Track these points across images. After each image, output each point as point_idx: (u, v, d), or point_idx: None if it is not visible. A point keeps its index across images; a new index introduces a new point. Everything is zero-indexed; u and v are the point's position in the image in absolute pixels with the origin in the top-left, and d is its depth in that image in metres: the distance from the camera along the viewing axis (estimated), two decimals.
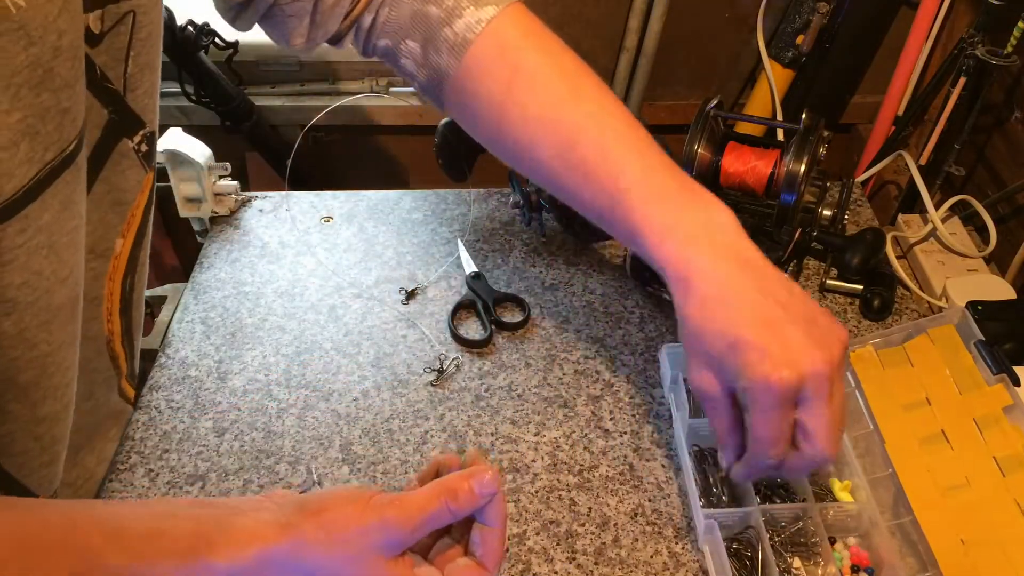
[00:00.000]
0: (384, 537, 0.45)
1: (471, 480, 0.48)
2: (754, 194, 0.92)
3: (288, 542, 0.44)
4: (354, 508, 0.46)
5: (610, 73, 1.48)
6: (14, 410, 0.52)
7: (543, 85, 0.63)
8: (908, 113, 1.28)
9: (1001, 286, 0.92)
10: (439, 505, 0.47)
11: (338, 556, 0.45)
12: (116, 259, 0.60)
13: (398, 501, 0.46)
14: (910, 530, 0.67)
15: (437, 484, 0.48)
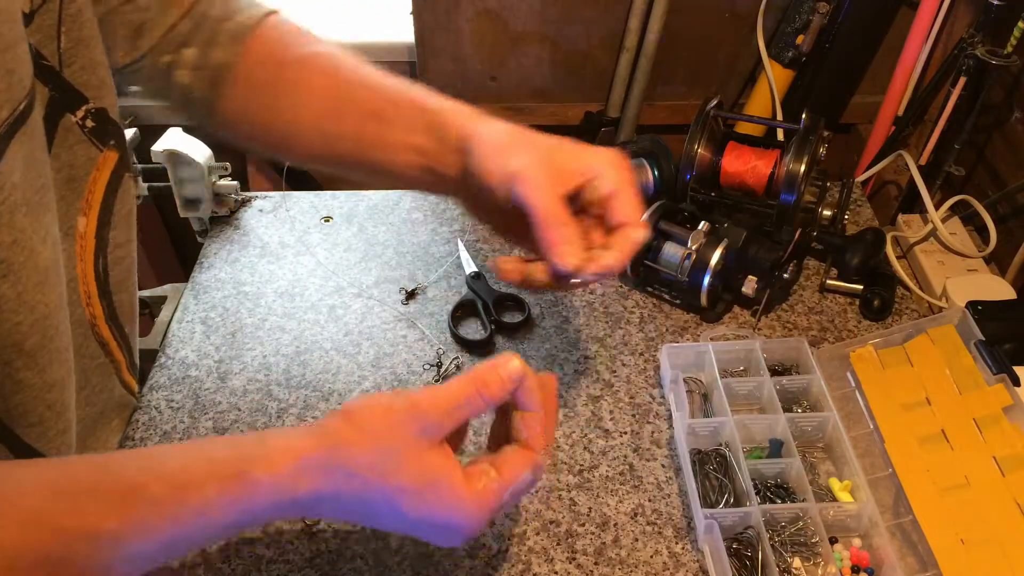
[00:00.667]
0: (417, 424, 0.46)
1: (498, 367, 0.49)
2: (754, 194, 0.92)
3: (324, 447, 0.45)
4: (384, 401, 0.47)
5: (610, 73, 1.48)
6: (25, 378, 0.53)
7: (336, 54, 0.65)
8: (908, 113, 1.28)
9: (1001, 286, 0.92)
10: (471, 391, 0.48)
11: (375, 449, 0.45)
12: (82, 239, 0.60)
13: (428, 390, 0.48)
14: (910, 530, 0.67)
15: (466, 374, 0.49)
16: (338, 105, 0.63)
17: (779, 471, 0.72)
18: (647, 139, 0.98)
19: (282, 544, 0.68)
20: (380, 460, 0.45)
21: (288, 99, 0.64)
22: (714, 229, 0.85)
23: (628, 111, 1.50)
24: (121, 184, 0.63)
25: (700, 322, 0.87)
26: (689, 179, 0.92)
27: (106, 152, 0.60)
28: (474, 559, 0.67)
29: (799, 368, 0.81)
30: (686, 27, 1.43)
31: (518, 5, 1.39)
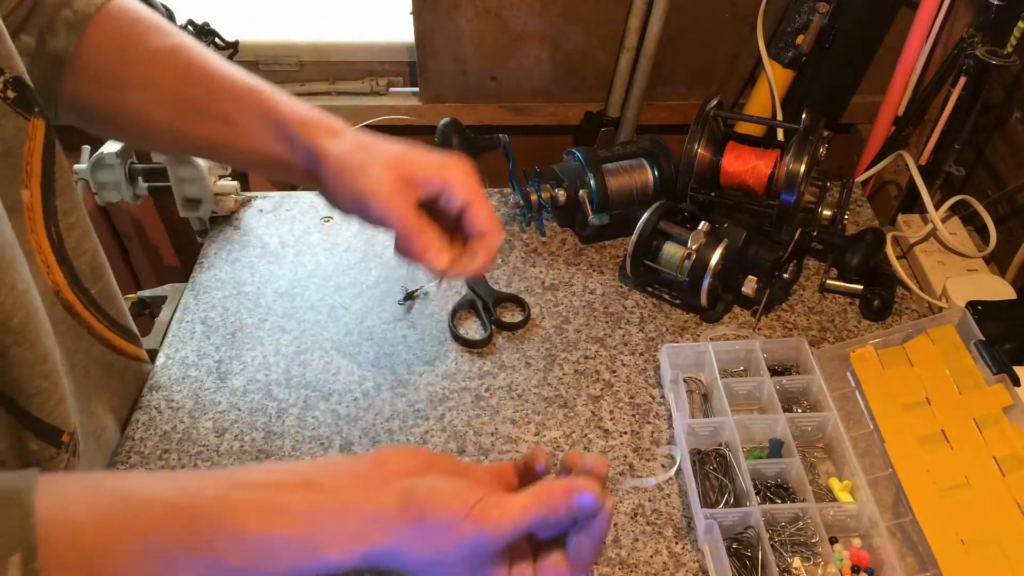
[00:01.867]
0: (477, 549, 0.48)
1: (573, 496, 0.48)
2: (754, 194, 0.92)
3: (389, 544, 0.48)
4: (455, 514, 0.47)
5: (610, 73, 1.48)
6: (17, 354, 0.54)
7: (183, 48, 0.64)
8: (908, 113, 1.28)
9: (1001, 286, 0.92)
10: (537, 517, 0.48)
11: (434, 557, 0.48)
12: (30, 211, 0.60)
13: (495, 510, 0.47)
14: (910, 530, 0.67)
15: (537, 494, 0.49)
16: (187, 108, 0.63)
17: (779, 471, 0.72)
18: (647, 139, 0.98)
19: None
20: (436, 566, 0.48)
21: (135, 96, 0.63)
22: (714, 229, 0.85)
23: (628, 111, 1.50)
24: (55, 150, 0.62)
25: (700, 322, 0.87)
26: (689, 179, 0.92)
27: (34, 120, 0.59)
28: None
29: (799, 368, 0.81)
30: (686, 27, 1.43)
31: (518, 5, 1.39)
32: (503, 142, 0.94)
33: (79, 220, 0.65)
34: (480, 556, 0.48)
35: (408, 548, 0.48)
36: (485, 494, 0.48)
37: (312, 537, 0.47)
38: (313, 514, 0.47)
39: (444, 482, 0.50)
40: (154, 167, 0.94)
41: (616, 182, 0.94)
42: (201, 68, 0.63)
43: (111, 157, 0.92)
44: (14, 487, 0.42)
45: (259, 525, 0.46)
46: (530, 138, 1.57)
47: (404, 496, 0.49)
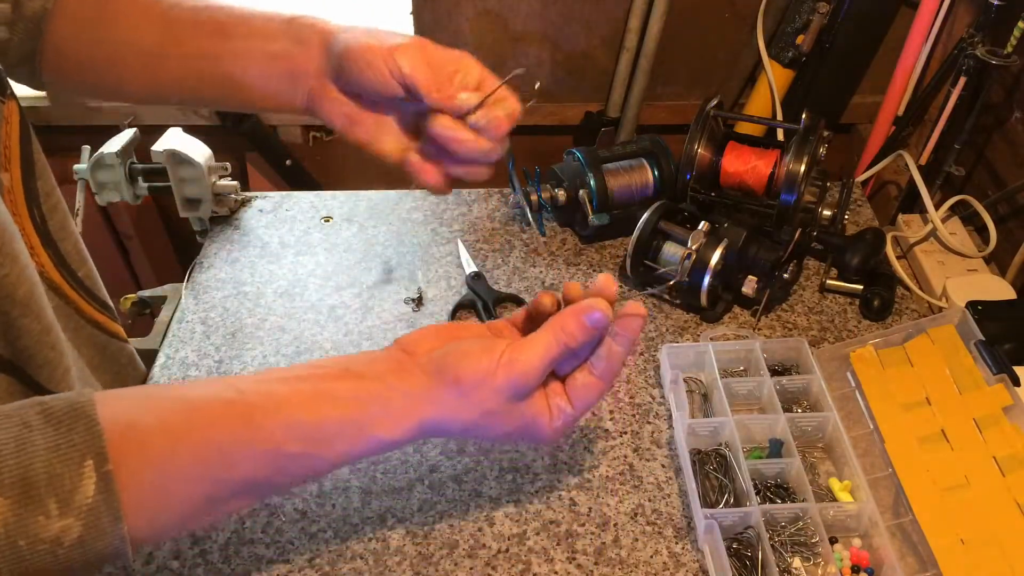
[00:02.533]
0: (513, 390, 0.52)
1: (582, 316, 0.53)
2: (754, 194, 0.92)
3: (435, 413, 0.52)
4: (485, 369, 0.52)
5: (610, 73, 1.48)
6: (24, 324, 0.56)
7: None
8: (908, 113, 1.28)
9: (1001, 286, 0.92)
10: (559, 349, 0.53)
11: (478, 414, 0.52)
12: (10, 193, 0.60)
13: (521, 353, 0.52)
14: (910, 530, 0.67)
15: (552, 327, 0.53)
16: (180, 24, 0.63)
17: (779, 471, 0.72)
18: (647, 139, 0.98)
19: (282, 544, 0.68)
20: (483, 421, 0.53)
21: (120, 25, 0.63)
22: (714, 229, 0.85)
23: (628, 111, 1.50)
24: (30, 133, 0.62)
25: (700, 322, 0.87)
26: (689, 179, 0.92)
27: (8, 103, 0.60)
28: (474, 559, 0.67)
29: (799, 368, 0.81)
30: (686, 27, 1.43)
31: (518, 5, 1.39)
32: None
33: (59, 203, 0.65)
34: (518, 400, 0.53)
35: (453, 412, 0.52)
36: (508, 344, 0.53)
37: (361, 420, 0.50)
38: (359, 399, 0.51)
39: (468, 343, 0.54)
40: (154, 167, 0.94)
41: (616, 182, 0.94)
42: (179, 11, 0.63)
43: (111, 157, 0.92)
44: (74, 401, 0.44)
45: (311, 414, 0.49)
46: (530, 138, 1.57)
47: (437, 366, 0.53)
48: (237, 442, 0.48)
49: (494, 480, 0.73)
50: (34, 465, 0.41)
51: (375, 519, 0.70)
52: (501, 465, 0.74)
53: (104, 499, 0.42)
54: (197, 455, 0.47)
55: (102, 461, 0.42)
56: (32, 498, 0.41)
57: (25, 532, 0.41)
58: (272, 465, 0.49)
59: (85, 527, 0.42)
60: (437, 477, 0.73)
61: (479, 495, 0.71)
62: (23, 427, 0.42)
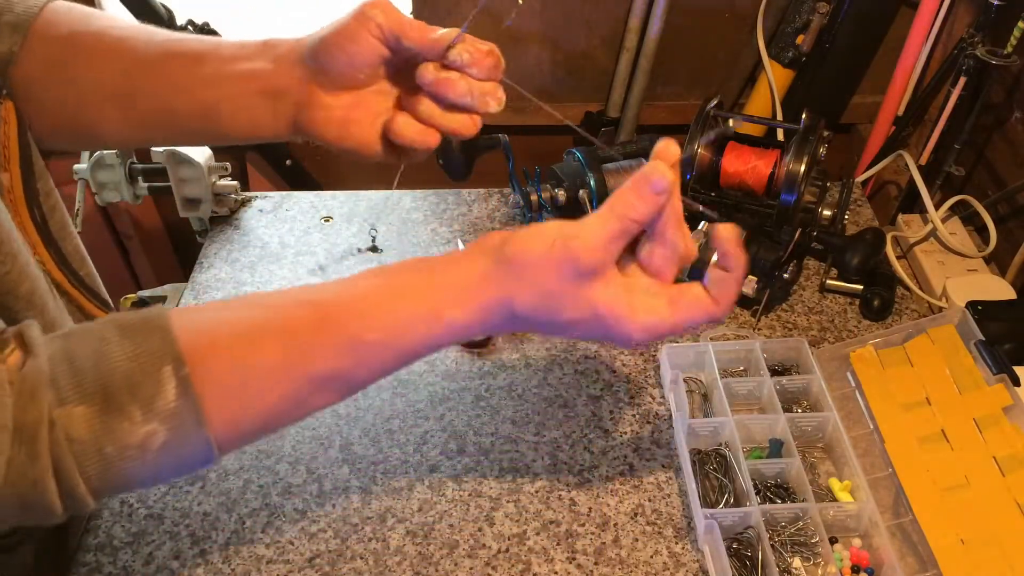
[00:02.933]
0: (573, 267, 0.50)
1: (642, 183, 0.50)
2: (754, 194, 0.92)
3: (498, 294, 0.51)
4: (541, 246, 0.50)
5: (610, 73, 1.48)
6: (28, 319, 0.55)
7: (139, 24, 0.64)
8: (908, 113, 1.28)
9: (1001, 286, 0.92)
10: (620, 223, 0.50)
11: (539, 295, 0.50)
12: (9, 193, 0.60)
13: (580, 228, 0.50)
14: (910, 530, 0.67)
15: (612, 200, 0.51)
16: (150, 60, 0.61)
17: (779, 471, 0.72)
18: (647, 139, 0.98)
19: (282, 544, 0.68)
20: (545, 303, 0.51)
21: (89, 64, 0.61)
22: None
23: (628, 111, 1.50)
24: (27, 133, 0.62)
25: None
26: (689, 179, 0.92)
27: (5, 102, 0.59)
28: (474, 559, 0.67)
29: (799, 368, 0.81)
30: (686, 27, 1.43)
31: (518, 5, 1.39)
32: (503, 142, 0.94)
33: (59, 204, 0.65)
34: (584, 280, 0.50)
35: (517, 293, 0.51)
36: (566, 223, 0.51)
37: (435, 305, 0.51)
38: (431, 287, 0.51)
39: (528, 228, 0.52)
40: (154, 167, 0.94)
41: (616, 182, 0.94)
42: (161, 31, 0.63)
43: (111, 157, 0.92)
44: (148, 314, 0.45)
45: (387, 302, 0.50)
46: (530, 138, 1.57)
47: (495, 250, 0.51)
48: (315, 336, 0.48)
49: (494, 480, 0.73)
50: (114, 375, 0.42)
51: (375, 519, 0.70)
52: (501, 465, 0.74)
53: (185, 403, 0.43)
54: (274, 353, 0.47)
55: (179, 365, 0.43)
56: (115, 405, 0.42)
57: (112, 438, 0.42)
58: (351, 356, 0.49)
59: (170, 431, 0.43)
60: (437, 477, 0.73)
61: (479, 495, 0.71)
62: (100, 341, 0.43)
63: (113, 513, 0.70)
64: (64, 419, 0.41)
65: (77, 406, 0.42)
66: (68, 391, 0.42)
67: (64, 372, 0.42)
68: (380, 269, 0.53)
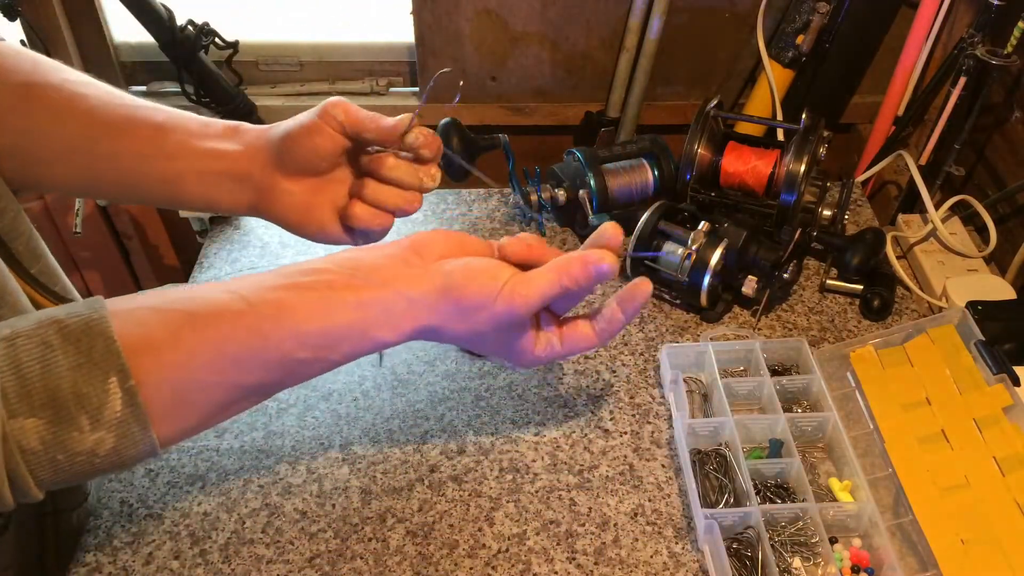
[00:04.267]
0: (510, 321, 0.55)
1: (590, 265, 0.55)
2: (754, 194, 0.92)
3: (433, 321, 0.55)
4: (487, 295, 0.54)
5: (610, 73, 1.48)
6: None
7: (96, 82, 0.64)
8: (908, 113, 1.28)
9: (1001, 286, 0.92)
10: (559, 290, 0.55)
11: (472, 331, 0.56)
12: None
13: (522, 287, 0.54)
14: (910, 530, 0.67)
15: (557, 268, 0.55)
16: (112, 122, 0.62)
17: (779, 471, 0.72)
18: (647, 139, 0.98)
19: (282, 544, 0.68)
20: (473, 337, 0.56)
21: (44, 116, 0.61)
22: (714, 229, 0.85)
23: (628, 111, 1.50)
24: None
25: (700, 322, 0.87)
26: (689, 179, 0.92)
27: None
28: (474, 559, 0.67)
29: (799, 368, 0.81)
30: (686, 27, 1.43)
31: (518, 5, 1.39)
32: (503, 142, 0.94)
33: (10, 204, 0.65)
34: (511, 327, 0.56)
35: (449, 324, 0.55)
36: (513, 273, 0.55)
37: (366, 324, 0.53)
38: (365, 306, 0.53)
39: (477, 264, 0.56)
40: None
41: (616, 182, 0.94)
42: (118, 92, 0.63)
43: None
44: (89, 317, 0.45)
45: (319, 323, 0.52)
46: (530, 138, 1.57)
47: (444, 281, 0.55)
48: (249, 353, 0.50)
49: (494, 480, 0.73)
50: (61, 385, 0.43)
51: (375, 519, 0.70)
52: (501, 465, 0.74)
53: (132, 412, 0.45)
54: (212, 367, 0.49)
55: (125, 377, 0.45)
56: (64, 416, 0.44)
57: (63, 448, 0.44)
58: (282, 370, 0.52)
59: (117, 438, 0.45)
60: (437, 477, 0.73)
61: (479, 495, 0.71)
62: (45, 347, 0.44)
63: (113, 513, 0.70)
64: (16, 432, 0.43)
65: (28, 418, 0.43)
66: (17, 404, 0.43)
67: (12, 384, 0.43)
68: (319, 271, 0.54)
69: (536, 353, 0.59)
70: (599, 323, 0.59)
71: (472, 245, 0.59)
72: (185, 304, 0.50)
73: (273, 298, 0.52)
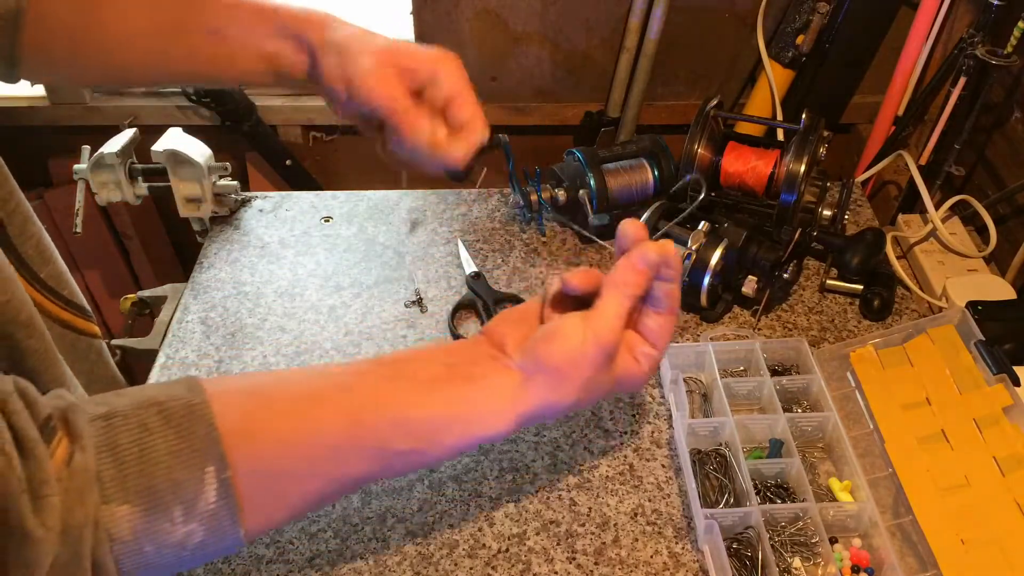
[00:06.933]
0: (606, 355, 0.53)
1: (638, 264, 0.54)
2: (754, 194, 0.92)
3: (536, 402, 0.52)
4: (577, 346, 0.52)
5: (610, 73, 1.48)
6: (30, 345, 0.57)
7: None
8: (908, 113, 1.28)
9: (1001, 286, 0.92)
10: (630, 301, 0.54)
11: (581, 389, 0.52)
12: None
13: (601, 319, 0.53)
14: (910, 530, 0.67)
15: (615, 284, 0.54)
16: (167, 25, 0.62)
17: (779, 471, 0.72)
18: (647, 139, 0.98)
19: (282, 544, 0.68)
20: (585, 396, 0.53)
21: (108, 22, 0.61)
22: (714, 229, 0.85)
23: (628, 111, 1.50)
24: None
25: (700, 322, 0.87)
26: (689, 179, 0.92)
27: None
28: (474, 559, 0.67)
29: (799, 368, 0.81)
30: (686, 27, 1.43)
31: (518, 5, 1.39)
32: (503, 142, 0.94)
33: (19, 207, 0.65)
34: (609, 361, 0.53)
35: (557, 396, 0.52)
36: (582, 316, 0.53)
37: (466, 418, 0.51)
38: (467, 400, 0.52)
39: (547, 328, 0.54)
40: (154, 167, 0.94)
41: (616, 182, 0.94)
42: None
43: (111, 157, 0.92)
44: (190, 400, 0.44)
45: (419, 411, 0.50)
46: (530, 138, 1.58)
47: (532, 359, 0.53)
48: (347, 442, 0.49)
49: (494, 480, 0.73)
50: (157, 472, 0.42)
51: (375, 519, 0.70)
52: (501, 465, 0.74)
53: (225, 504, 0.43)
54: (309, 457, 0.47)
55: (223, 467, 0.43)
56: (158, 505, 0.42)
57: (153, 538, 0.42)
58: (380, 461, 0.50)
59: (207, 531, 0.43)
60: (437, 477, 0.73)
61: (479, 495, 0.71)
62: (143, 430, 0.42)
63: None
64: (108, 518, 0.41)
65: (121, 505, 0.41)
66: (112, 489, 0.41)
67: (108, 467, 0.41)
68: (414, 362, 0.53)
69: (643, 370, 0.57)
70: (662, 304, 0.56)
71: (532, 311, 0.58)
72: (283, 389, 0.49)
73: (376, 387, 0.51)
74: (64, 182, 1.62)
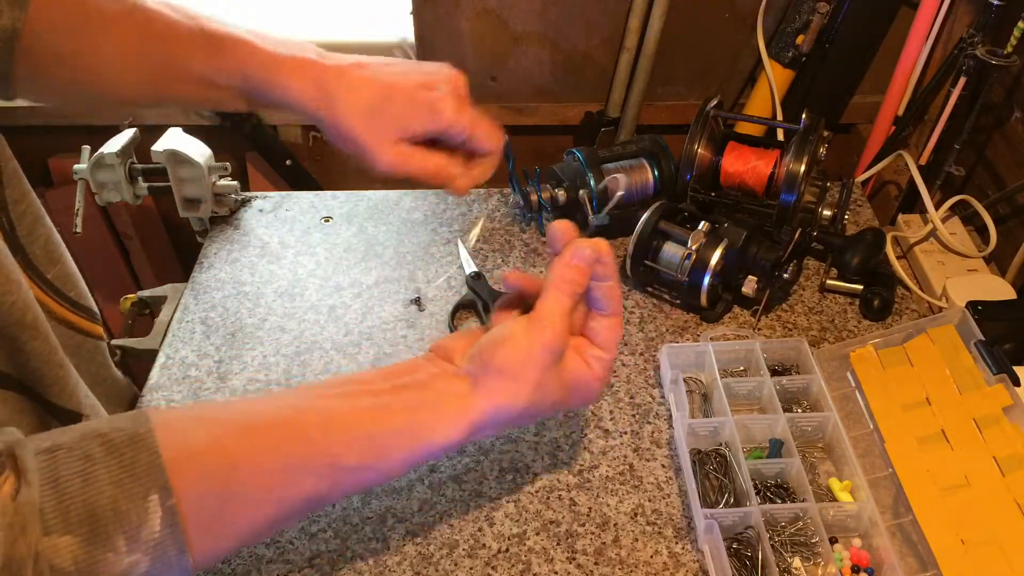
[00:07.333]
0: (553, 356, 0.54)
1: (573, 261, 0.55)
2: (754, 194, 0.92)
3: (487, 407, 0.53)
4: (523, 346, 0.54)
5: (610, 73, 1.48)
6: (35, 347, 0.57)
7: None
8: (908, 113, 1.28)
9: (1001, 286, 0.92)
10: (570, 299, 0.55)
11: (531, 393, 0.54)
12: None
13: (543, 318, 0.54)
14: (910, 530, 0.67)
15: (555, 284, 0.55)
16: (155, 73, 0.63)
17: (779, 471, 0.72)
18: (647, 139, 0.98)
19: (282, 544, 0.68)
20: (536, 399, 0.54)
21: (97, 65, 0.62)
22: (714, 229, 0.85)
23: (628, 111, 1.50)
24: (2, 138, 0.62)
25: (700, 322, 0.87)
26: (689, 179, 0.92)
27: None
28: (474, 559, 0.67)
29: (799, 368, 0.81)
30: (686, 27, 1.43)
31: (518, 5, 1.39)
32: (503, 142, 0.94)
33: (30, 207, 0.65)
34: (557, 363, 0.55)
35: (508, 399, 0.53)
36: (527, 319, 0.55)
37: (415, 428, 0.52)
38: (411, 408, 0.52)
39: (494, 332, 0.55)
40: (154, 167, 0.94)
41: (615, 182, 0.94)
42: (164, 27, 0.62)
43: (111, 157, 0.92)
44: (134, 431, 0.44)
45: (367, 427, 0.51)
46: (530, 138, 1.57)
47: (480, 363, 0.54)
48: (296, 460, 0.48)
49: (494, 480, 0.73)
50: (100, 501, 0.41)
51: (375, 519, 0.70)
52: (501, 465, 0.74)
53: (170, 533, 0.43)
54: (258, 479, 0.47)
55: (167, 495, 0.42)
56: (100, 535, 0.41)
57: (94, 569, 0.41)
58: (331, 479, 0.50)
59: (152, 561, 0.42)
60: (437, 477, 0.73)
61: (479, 495, 0.71)
62: (86, 460, 0.42)
63: None
64: (49, 550, 0.40)
65: (62, 536, 0.40)
66: (54, 520, 0.40)
67: (50, 499, 0.40)
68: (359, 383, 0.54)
69: (596, 374, 0.58)
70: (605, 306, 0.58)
71: (479, 330, 0.59)
72: (230, 413, 0.49)
73: (321, 405, 0.51)
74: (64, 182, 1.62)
